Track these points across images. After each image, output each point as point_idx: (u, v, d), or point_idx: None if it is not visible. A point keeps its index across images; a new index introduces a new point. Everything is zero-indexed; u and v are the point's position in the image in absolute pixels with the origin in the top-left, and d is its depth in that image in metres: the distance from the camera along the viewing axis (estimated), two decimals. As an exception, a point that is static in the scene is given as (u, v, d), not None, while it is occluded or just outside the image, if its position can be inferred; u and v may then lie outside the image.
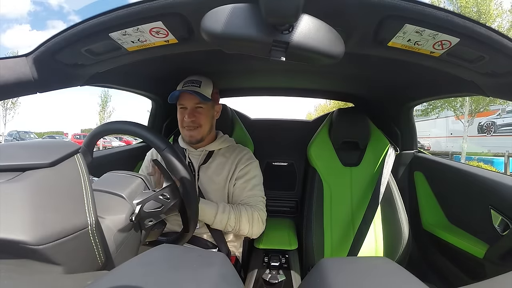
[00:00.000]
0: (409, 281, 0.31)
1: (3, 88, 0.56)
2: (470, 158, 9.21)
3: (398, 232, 1.05)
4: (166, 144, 0.66)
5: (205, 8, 0.43)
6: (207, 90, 0.96)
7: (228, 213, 0.89)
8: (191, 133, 0.96)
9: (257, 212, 0.93)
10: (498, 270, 0.81)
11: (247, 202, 0.96)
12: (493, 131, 10.51)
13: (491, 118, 10.44)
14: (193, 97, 0.93)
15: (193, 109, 0.95)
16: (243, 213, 0.91)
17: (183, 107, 0.96)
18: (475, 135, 10.94)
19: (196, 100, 0.94)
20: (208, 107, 0.97)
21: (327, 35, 0.45)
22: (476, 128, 10.91)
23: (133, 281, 0.28)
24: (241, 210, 0.91)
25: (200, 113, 0.95)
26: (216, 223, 0.88)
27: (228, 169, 0.99)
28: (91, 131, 0.71)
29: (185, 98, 0.95)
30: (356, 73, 1.11)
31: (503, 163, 8.31)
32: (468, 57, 0.57)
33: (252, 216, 0.92)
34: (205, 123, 0.96)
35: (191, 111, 0.95)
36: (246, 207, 0.93)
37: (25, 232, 0.32)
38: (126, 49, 0.60)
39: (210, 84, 0.99)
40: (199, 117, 0.95)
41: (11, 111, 18.05)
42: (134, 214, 0.55)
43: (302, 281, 0.42)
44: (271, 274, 0.99)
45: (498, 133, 10.30)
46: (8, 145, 0.42)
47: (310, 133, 1.33)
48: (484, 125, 10.84)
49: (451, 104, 9.72)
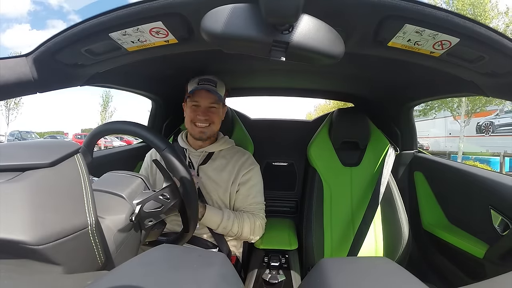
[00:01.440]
0: (409, 281, 0.31)
1: (3, 88, 0.56)
2: (467, 158, 9.31)
3: (398, 232, 1.05)
4: (166, 144, 0.66)
5: (205, 8, 0.43)
6: (221, 91, 0.97)
7: (232, 221, 0.92)
8: (203, 129, 0.95)
9: (259, 221, 0.98)
10: (498, 270, 0.81)
11: (250, 210, 0.99)
12: (491, 131, 10.57)
13: (490, 118, 10.52)
14: (210, 96, 0.94)
15: (206, 107, 0.95)
16: (245, 222, 0.94)
17: (196, 105, 0.96)
18: (474, 135, 11.01)
19: (212, 100, 0.94)
20: (219, 108, 0.98)
21: (327, 35, 0.45)
22: (474, 128, 10.98)
23: (133, 281, 0.28)
24: (244, 218, 0.94)
25: (213, 113, 0.96)
26: (219, 230, 0.91)
27: (229, 172, 0.99)
28: (91, 131, 0.71)
29: (201, 95, 0.95)
30: (356, 73, 1.11)
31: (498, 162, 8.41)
32: (468, 57, 0.57)
33: (254, 224, 0.95)
34: (217, 122, 0.98)
35: (204, 109, 0.95)
36: (249, 215, 0.96)
37: (25, 232, 0.32)
38: (126, 49, 0.60)
39: (223, 85, 1.00)
40: (212, 116, 0.96)
41: (14, 111, 18.23)
42: (134, 214, 0.55)
43: (302, 281, 0.42)
44: (271, 274, 0.99)
45: (496, 133, 10.36)
46: (8, 145, 0.42)
47: (310, 133, 1.33)
48: (482, 125, 10.90)
49: (448, 105, 9.83)
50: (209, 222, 0.90)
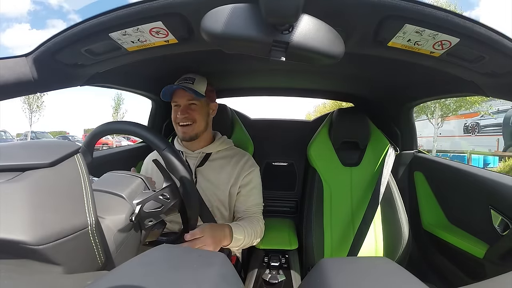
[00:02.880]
0: (409, 281, 0.31)
1: (3, 88, 0.56)
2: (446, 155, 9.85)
3: (398, 232, 1.05)
4: (166, 144, 0.66)
5: (205, 8, 0.43)
6: (200, 87, 0.95)
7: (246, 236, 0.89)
8: (184, 129, 0.94)
9: (260, 225, 0.97)
10: (498, 270, 0.81)
11: (251, 212, 0.99)
12: (477, 131, 11.08)
13: (476, 119, 11.13)
14: (186, 94, 0.93)
15: (186, 106, 0.94)
16: (250, 236, 0.90)
17: (176, 105, 0.96)
18: (462, 135, 11.79)
19: (189, 97, 0.93)
20: (202, 104, 0.96)
21: (327, 35, 0.45)
22: (462, 128, 11.70)
23: (133, 281, 0.28)
24: (247, 231, 0.90)
25: (193, 110, 0.95)
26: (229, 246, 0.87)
27: (229, 173, 0.99)
28: (91, 131, 0.71)
29: (178, 95, 0.95)
30: (356, 73, 1.11)
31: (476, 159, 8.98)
32: (468, 57, 0.57)
33: (256, 233, 0.94)
34: (199, 120, 0.95)
35: (184, 107, 0.94)
36: (253, 222, 0.95)
37: (25, 232, 0.31)
38: (126, 49, 0.60)
39: (204, 81, 0.98)
40: (192, 114, 0.94)
41: (36, 113, 19.18)
42: (134, 214, 0.55)
43: (302, 281, 0.42)
44: (271, 274, 0.99)
45: (482, 133, 10.91)
46: (8, 145, 0.41)
47: (310, 133, 1.33)
48: (469, 126, 11.42)
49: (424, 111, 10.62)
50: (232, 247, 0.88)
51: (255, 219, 0.97)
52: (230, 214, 1.02)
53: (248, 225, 0.92)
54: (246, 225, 0.92)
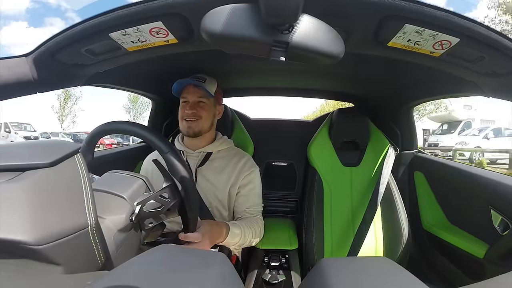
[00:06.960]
0: (409, 281, 0.31)
1: (3, 88, 0.56)
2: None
3: (398, 232, 1.05)
4: (169, 147, 0.66)
5: (205, 8, 0.43)
6: (211, 87, 0.96)
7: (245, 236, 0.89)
8: (190, 124, 0.94)
9: (259, 226, 0.97)
10: (498, 270, 0.81)
11: (250, 212, 0.99)
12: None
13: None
14: (197, 91, 0.94)
15: (195, 102, 0.95)
16: (247, 234, 0.90)
17: (185, 101, 0.96)
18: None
19: (200, 94, 0.94)
20: (210, 104, 0.97)
21: (327, 35, 0.45)
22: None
23: (133, 282, 0.28)
24: (245, 229, 0.90)
25: (201, 108, 0.95)
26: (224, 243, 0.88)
27: (229, 174, 0.99)
28: (92, 130, 0.71)
29: (188, 91, 0.95)
30: (356, 73, 1.11)
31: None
32: (468, 57, 0.57)
33: (255, 232, 0.94)
34: (205, 117, 0.96)
35: (192, 104, 0.95)
36: (252, 223, 0.95)
37: (25, 232, 0.31)
38: (126, 49, 0.60)
39: (215, 82, 0.99)
40: (200, 111, 0.95)
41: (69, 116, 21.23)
42: (134, 214, 0.55)
43: (302, 281, 0.42)
44: (271, 274, 0.99)
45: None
46: (8, 145, 0.42)
47: (310, 133, 1.33)
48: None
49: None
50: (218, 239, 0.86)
51: (254, 219, 0.97)
52: (230, 215, 1.02)
53: (246, 224, 0.92)
54: (244, 224, 0.92)
